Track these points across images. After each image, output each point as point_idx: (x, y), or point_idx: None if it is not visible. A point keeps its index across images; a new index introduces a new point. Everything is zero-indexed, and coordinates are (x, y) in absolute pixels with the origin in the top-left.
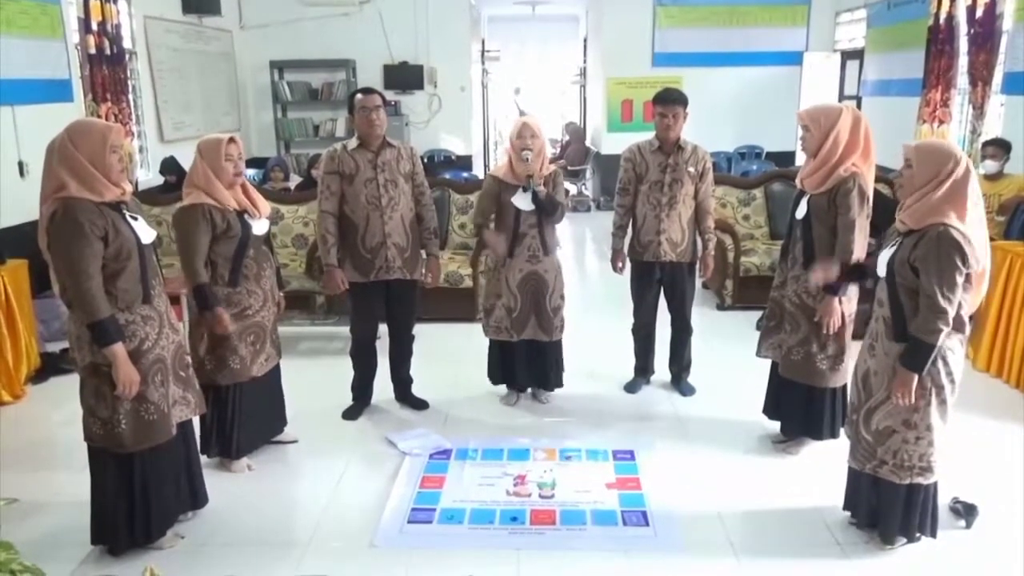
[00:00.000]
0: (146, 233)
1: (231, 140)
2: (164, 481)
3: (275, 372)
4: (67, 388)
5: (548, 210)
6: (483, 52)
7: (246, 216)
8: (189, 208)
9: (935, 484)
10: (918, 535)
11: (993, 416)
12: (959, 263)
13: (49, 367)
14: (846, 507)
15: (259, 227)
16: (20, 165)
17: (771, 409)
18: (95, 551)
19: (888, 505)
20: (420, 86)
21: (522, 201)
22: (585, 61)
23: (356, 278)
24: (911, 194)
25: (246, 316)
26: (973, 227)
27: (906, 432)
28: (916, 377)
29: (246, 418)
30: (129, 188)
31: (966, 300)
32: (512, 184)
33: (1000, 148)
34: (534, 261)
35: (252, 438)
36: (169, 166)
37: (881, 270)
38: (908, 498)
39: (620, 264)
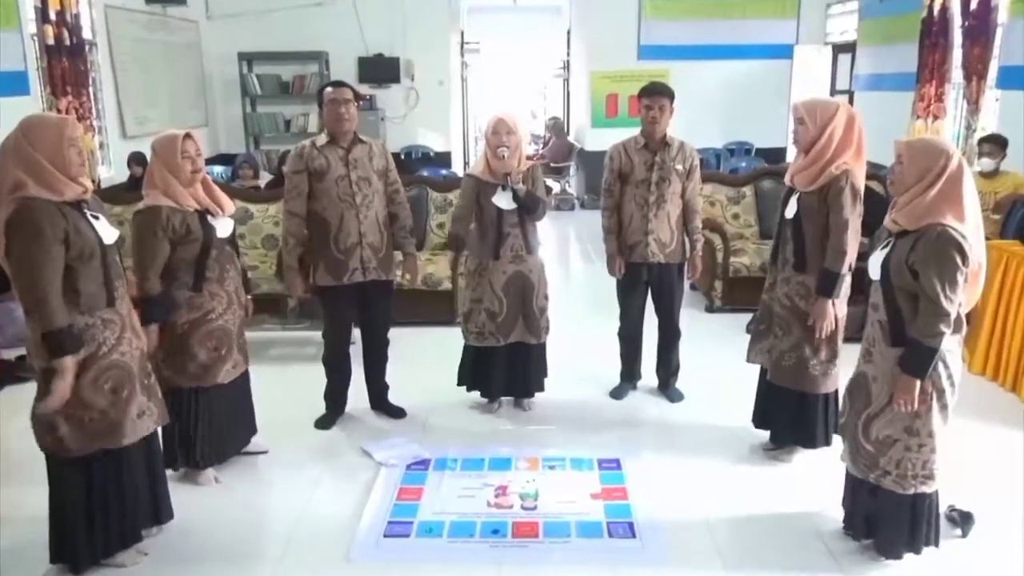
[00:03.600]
0: (108, 233)
1: (187, 136)
2: (125, 493)
3: (243, 379)
4: (23, 397)
5: (529, 208)
6: (462, 44)
7: (208, 216)
8: (147, 212)
9: (937, 492)
10: (923, 547)
11: (989, 421)
12: (960, 263)
13: (4, 375)
14: (847, 519)
15: (223, 228)
16: None
17: (760, 418)
18: (54, 570)
19: (893, 517)
20: (396, 79)
21: (503, 200)
22: (568, 54)
23: (328, 281)
24: (903, 192)
25: (208, 320)
26: (970, 225)
27: (908, 440)
28: (918, 383)
29: (211, 426)
30: (90, 185)
31: (966, 298)
32: (491, 183)
33: (996, 145)
34: (518, 262)
35: (219, 448)
36: (138, 159)
37: (874, 272)
38: (914, 509)
39: (618, 266)
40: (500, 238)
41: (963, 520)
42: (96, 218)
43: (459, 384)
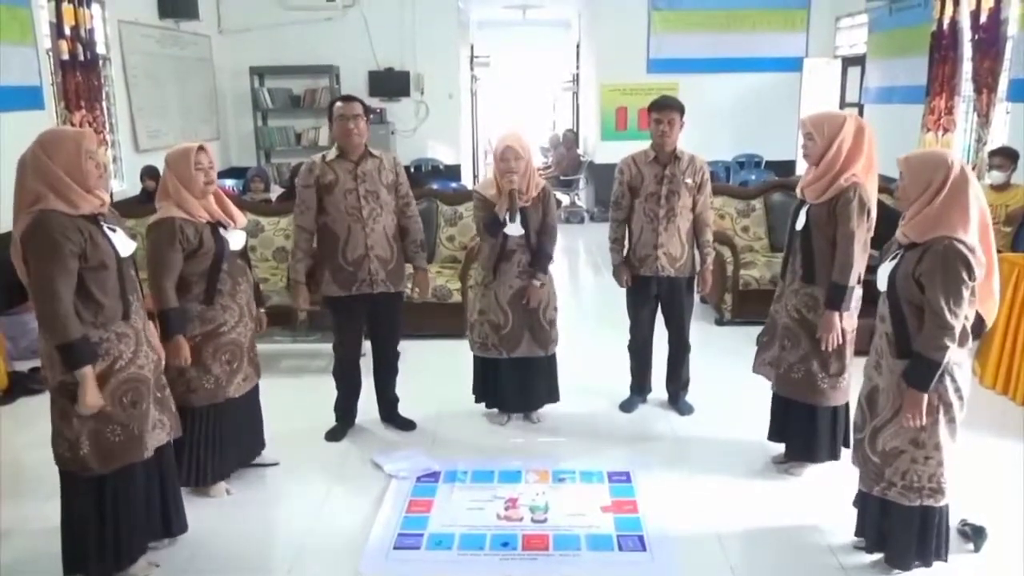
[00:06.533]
0: (125, 246)
1: (200, 148)
2: (137, 506)
3: (254, 393)
4: (35, 409)
5: (545, 252)
6: (472, 58)
7: (220, 229)
8: (160, 223)
9: (947, 506)
10: (933, 560)
11: (1000, 435)
12: (965, 277)
13: (17, 387)
14: (858, 532)
15: (235, 241)
16: None
17: (776, 433)
18: None
19: (901, 530)
20: (406, 93)
21: (512, 229)
22: (578, 67)
23: (337, 292)
24: (908, 207)
25: (220, 333)
26: (977, 232)
27: (914, 451)
28: (926, 397)
29: (221, 442)
30: (107, 198)
31: (985, 310)
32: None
33: (1007, 157)
34: (524, 277)
35: (228, 462)
36: (151, 173)
37: (882, 284)
38: (923, 522)
39: (625, 277)
40: (502, 256)
41: (975, 534)
42: (113, 231)
43: (475, 397)
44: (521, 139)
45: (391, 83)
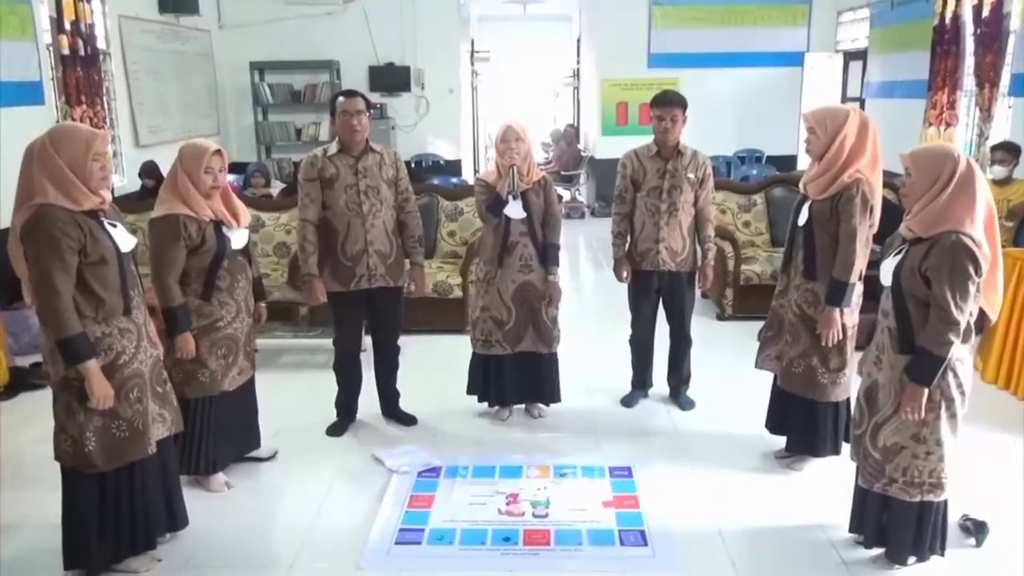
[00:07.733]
0: (125, 241)
1: (216, 152)
2: (140, 501)
3: (249, 386)
4: (37, 404)
5: (552, 249)
6: (472, 53)
7: (223, 228)
8: (164, 219)
9: (945, 501)
10: (929, 555)
11: (1002, 429)
12: (972, 272)
13: (18, 382)
14: (852, 529)
15: (237, 239)
16: None
17: (773, 423)
18: None
19: (900, 524)
20: (407, 88)
21: (513, 210)
22: (578, 62)
23: (336, 287)
24: (915, 202)
25: (217, 328)
26: (983, 226)
27: (915, 447)
28: (925, 391)
29: (216, 434)
30: (108, 197)
31: (989, 304)
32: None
33: (1009, 152)
34: (527, 271)
35: (223, 454)
36: (149, 170)
37: (885, 279)
38: (920, 517)
39: (625, 273)
40: (505, 246)
41: (977, 529)
42: (113, 226)
43: (469, 393)
44: (522, 123)
45: (391, 78)
